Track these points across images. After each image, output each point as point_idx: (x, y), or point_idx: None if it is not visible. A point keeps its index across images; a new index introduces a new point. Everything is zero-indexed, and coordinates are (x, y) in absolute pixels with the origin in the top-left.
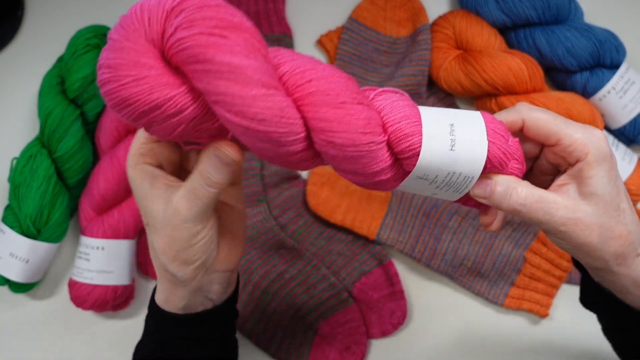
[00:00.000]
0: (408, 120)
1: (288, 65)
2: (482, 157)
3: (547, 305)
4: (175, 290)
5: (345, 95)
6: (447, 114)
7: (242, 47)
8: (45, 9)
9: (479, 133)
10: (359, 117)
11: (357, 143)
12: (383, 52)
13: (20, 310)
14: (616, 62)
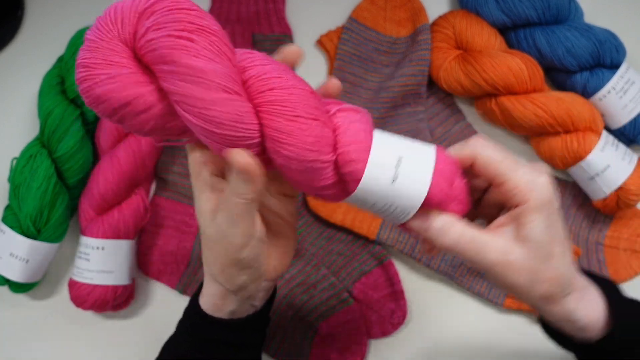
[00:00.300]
0: (358, 145)
1: (255, 70)
2: (421, 197)
3: None
4: (224, 298)
5: (302, 109)
6: (401, 145)
7: (207, 50)
8: (45, 9)
9: (424, 172)
10: (310, 133)
11: (302, 158)
12: (383, 52)
13: (20, 310)
14: (616, 62)
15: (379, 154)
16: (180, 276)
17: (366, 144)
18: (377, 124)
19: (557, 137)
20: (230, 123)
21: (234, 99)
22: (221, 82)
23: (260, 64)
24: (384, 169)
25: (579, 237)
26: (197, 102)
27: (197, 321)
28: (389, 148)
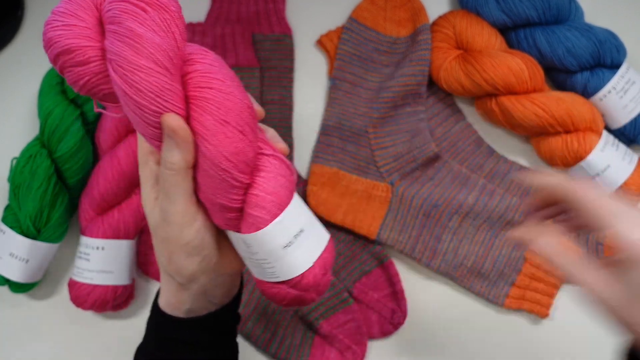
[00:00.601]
0: (276, 199)
1: (202, 66)
2: (298, 272)
3: (548, 305)
4: (178, 294)
5: (233, 118)
6: (307, 218)
7: (155, 23)
8: (45, 9)
9: (312, 253)
10: (233, 143)
11: (217, 163)
12: (383, 52)
13: (20, 310)
14: (616, 62)
15: (289, 217)
16: None
17: (283, 203)
18: (377, 124)
19: (557, 137)
20: (150, 94)
21: (161, 73)
22: (154, 53)
23: (209, 63)
24: (284, 232)
25: (579, 237)
26: (125, 63)
27: (158, 319)
28: (298, 217)
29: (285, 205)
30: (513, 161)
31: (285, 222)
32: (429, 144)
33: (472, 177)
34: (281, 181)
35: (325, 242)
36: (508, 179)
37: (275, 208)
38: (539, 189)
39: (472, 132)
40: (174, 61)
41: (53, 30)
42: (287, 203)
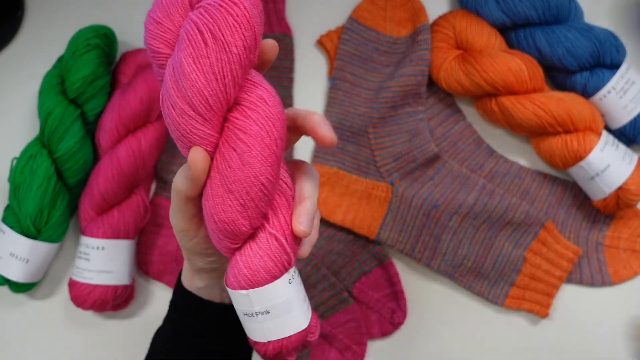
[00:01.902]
0: (249, 277)
1: (241, 120)
2: (252, 337)
3: (547, 305)
4: (192, 274)
5: (239, 190)
6: (284, 304)
7: (209, 62)
8: (45, 9)
9: (269, 333)
10: (227, 210)
11: (209, 219)
12: (383, 52)
13: (20, 310)
14: (616, 62)
15: (258, 296)
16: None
17: (256, 282)
18: (377, 124)
19: (557, 137)
20: (176, 132)
21: (192, 117)
22: (191, 96)
23: (254, 119)
24: (247, 304)
25: (579, 237)
26: (166, 95)
27: (177, 290)
28: (272, 298)
29: (258, 285)
30: (513, 161)
31: (252, 298)
32: (429, 144)
33: (472, 177)
34: (266, 263)
35: (293, 331)
36: (508, 179)
37: (246, 283)
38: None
39: (472, 132)
40: (213, 108)
41: (147, 32)
42: (261, 284)
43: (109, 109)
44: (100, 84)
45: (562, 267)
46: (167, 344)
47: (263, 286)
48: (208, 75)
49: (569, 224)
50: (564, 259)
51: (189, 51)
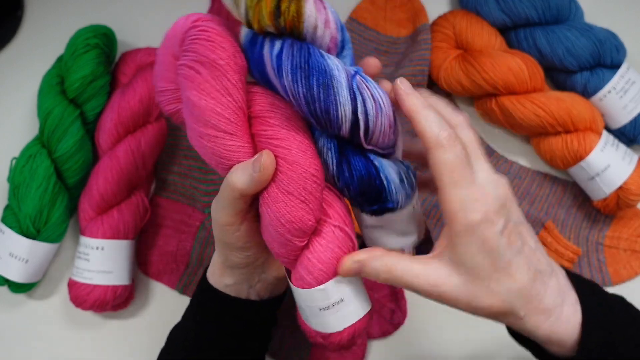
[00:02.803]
0: (325, 270)
1: (268, 127)
2: (327, 331)
3: None
4: (222, 269)
5: (296, 188)
6: (353, 290)
7: (209, 85)
8: (45, 9)
9: (344, 321)
10: (292, 210)
11: (274, 224)
12: (383, 52)
13: (20, 310)
14: (616, 62)
15: (334, 287)
16: (180, 276)
17: (331, 274)
18: None
19: (557, 137)
20: (215, 157)
21: (220, 137)
22: (210, 120)
23: (279, 124)
24: (324, 299)
25: (579, 237)
26: (192, 132)
27: (202, 286)
28: (344, 287)
29: (334, 276)
30: (513, 161)
31: (328, 291)
32: None
33: None
34: (337, 253)
35: (362, 313)
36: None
37: (322, 277)
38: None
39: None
40: (231, 120)
41: (156, 88)
42: (336, 274)
43: (108, 109)
44: (100, 84)
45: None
46: (188, 339)
47: (337, 276)
48: (213, 94)
49: (569, 224)
50: (564, 259)
51: (191, 86)
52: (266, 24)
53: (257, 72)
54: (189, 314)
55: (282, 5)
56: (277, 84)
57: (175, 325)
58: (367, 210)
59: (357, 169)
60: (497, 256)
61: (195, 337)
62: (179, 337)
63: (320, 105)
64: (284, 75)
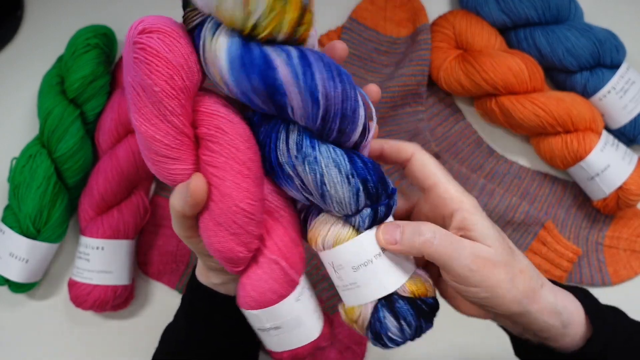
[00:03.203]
0: (257, 299)
1: (208, 155)
2: (268, 348)
3: None
4: (207, 270)
5: (226, 221)
6: (294, 319)
7: (148, 109)
8: (45, 9)
9: (283, 345)
10: (220, 241)
11: (209, 249)
12: (383, 52)
13: (20, 310)
14: (616, 62)
15: (267, 315)
16: (180, 276)
17: (264, 303)
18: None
19: (557, 137)
20: (161, 177)
21: (162, 161)
22: (151, 146)
23: (218, 150)
24: (259, 322)
25: (579, 237)
26: (141, 152)
27: (191, 284)
28: (281, 315)
29: (267, 305)
30: (513, 161)
31: (261, 318)
32: (429, 144)
33: (472, 177)
34: (272, 286)
35: (305, 341)
36: (508, 179)
37: (254, 304)
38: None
39: (472, 132)
40: (172, 146)
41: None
42: (269, 304)
43: (108, 109)
44: (99, 84)
45: (562, 267)
46: (179, 339)
47: (271, 306)
48: (152, 120)
49: (569, 224)
50: (564, 258)
51: (134, 109)
52: (280, 32)
53: (258, 82)
54: (180, 313)
55: (305, 15)
56: (296, 88)
57: (167, 326)
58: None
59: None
60: (501, 231)
61: (187, 337)
62: (171, 338)
63: (349, 104)
64: (317, 78)
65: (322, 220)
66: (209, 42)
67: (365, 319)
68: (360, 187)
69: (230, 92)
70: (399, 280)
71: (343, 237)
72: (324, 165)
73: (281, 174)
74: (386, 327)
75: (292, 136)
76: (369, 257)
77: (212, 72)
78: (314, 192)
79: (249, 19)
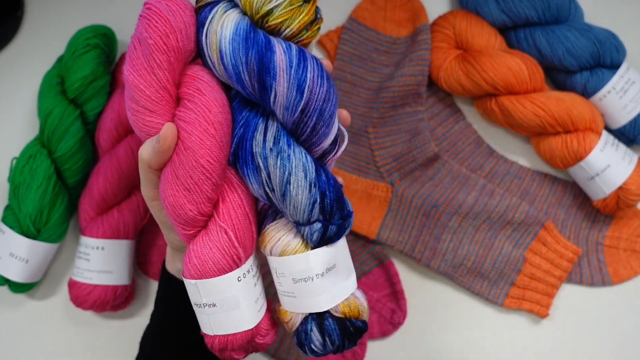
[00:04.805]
0: (198, 267)
1: (184, 111)
2: (202, 329)
3: (547, 305)
4: (171, 256)
5: (182, 173)
6: (232, 300)
7: (140, 60)
8: (45, 9)
9: (215, 327)
10: (175, 194)
11: (163, 203)
12: (383, 52)
13: (20, 310)
14: (616, 62)
15: (206, 287)
16: None
17: (204, 273)
18: (377, 124)
19: (557, 137)
20: (139, 131)
21: (140, 112)
22: (134, 95)
23: (194, 110)
24: (196, 295)
25: (579, 237)
26: (127, 103)
27: (162, 278)
28: (219, 292)
29: (206, 276)
30: (513, 161)
31: (199, 288)
32: (429, 144)
33: (472, 177)
34: (214, 255)
35: (238, 328)
36: (508, 179)
37: (195, 272)
38: None
39: (472, 132)
40: (152, 98)
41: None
42: (209, 275)
43: (108, 109)
44: (100, 84)
45: (562, 267)
46: (154, 341)
47: (210, 278)
48: (140, 71)
49: (569, 224)
50: (564, 258)
51: (127, 60)
52: (288, 28)
53: (254, 57)
54: (154, 312)
55: (318, 20)
56: (286, 74)
57: (145, 329)
58: (331, 230)
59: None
60: None
61: (160, 331)
62: (146, 340)
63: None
64: (308, 71)
65: (275, 227)
66: (219, 15)
67: (294, 325)
68: (318, 199)
69: (220, 64)
70: (334, 301)
71: (291, 249)
72: (294, 165)
73: (250, 163)
74: (310, 340)
75: (270, 129)
76: (310, 274)
77: (211, 41)
78: (277, 189)
79: (267, 4)
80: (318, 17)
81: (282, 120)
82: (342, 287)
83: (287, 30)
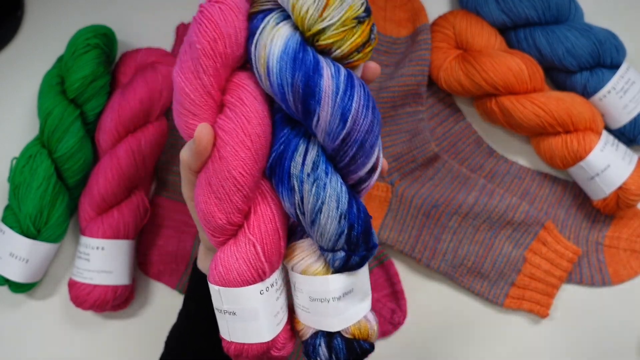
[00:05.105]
0: (223, 275)
1: (225, 115)
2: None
3: (547, 305)
4: (204, 255)
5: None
6: (252, 312)
7: (188, 64)
8: (45, 9)
9: (232, 335)
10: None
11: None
12: (383, 52)
13: (20, 310)
14: (616, 62)
15: (227, 296)
16: (180, 276)
17: (228, 282)
18: None
19: (557, 137)
20: (180, 130)
21: (184, 114)
22: (179, 98)
23: (233, 119)
24: (218, 301)
25: (579, 237)
26: (174, 106)
27: (193, 277)
28: (240, 302)
29: (229, 285)
30: (513, 161)
31: (222, 295)
32: (429, 144)
33: (472, 177)
34: (240, 266)
35: (255, 339)
36: (508, 179)
37: (219, 279)
38: None
39: (472, 132)
40: (196, 102)
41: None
42: (232, 285)
43: (108, 109)
44: (100, 84)
45: (562, 267)
46: (182, 340)
47: (233, 287)
48: (187, 74)
49: (569, 224)
50: (564, 259)
51: (177, 62)
52: (339, 48)
53: (300, 80)
54: (182, 311)
55: (371, 41)
56: (332, 100)
57: (171, 328)
58: (353, 260)
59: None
60: None
61: (190, 334)
62: (173, 338)
63: (370, 138)
64: (354, 100)
65: (301, 246)
66: (270, 26)
67: (304, 335)
68: (345, 231)
69: (267, 79)
70: (346, 324)
71: (312, 271)
72: (328, 194)
73: (286, 183)
74: (317, 354)
75: (310, 153)
76: (327, 296)
77: (260, 54)
78: (307, 214)
79: (320, 23)
80: (372, 37)
81: (322, 143)
82: (356, 310)
83: (338, 52)
